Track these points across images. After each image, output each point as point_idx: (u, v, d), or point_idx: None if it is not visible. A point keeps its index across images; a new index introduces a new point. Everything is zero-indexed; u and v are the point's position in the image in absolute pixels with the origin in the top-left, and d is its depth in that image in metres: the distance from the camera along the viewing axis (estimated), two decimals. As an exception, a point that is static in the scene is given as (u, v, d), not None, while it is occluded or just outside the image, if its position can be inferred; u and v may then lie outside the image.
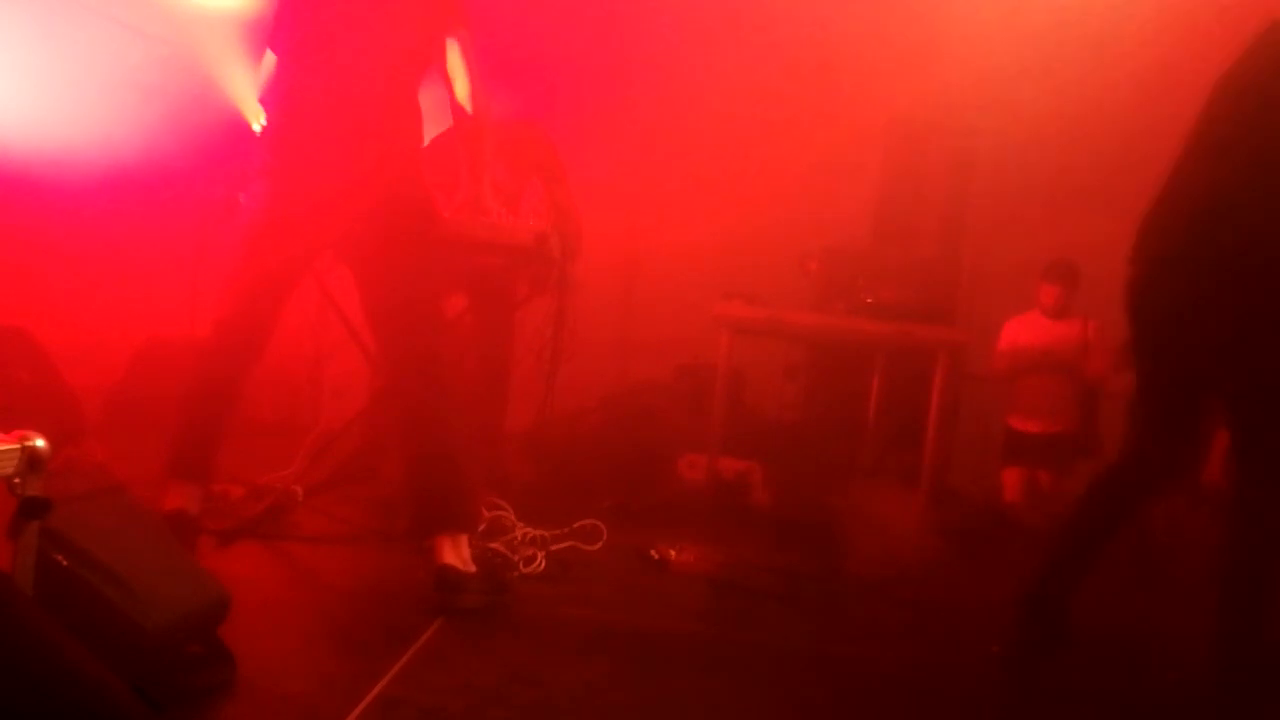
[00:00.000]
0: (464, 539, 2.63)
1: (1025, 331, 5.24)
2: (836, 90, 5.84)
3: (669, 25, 6.23)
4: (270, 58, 2.77)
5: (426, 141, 2.92)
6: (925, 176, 5.91)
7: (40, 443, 1.47)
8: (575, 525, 3.41)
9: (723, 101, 6.34)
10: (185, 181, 4.73)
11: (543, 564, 3.03)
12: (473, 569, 2.60)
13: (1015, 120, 5.52)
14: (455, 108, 2.82)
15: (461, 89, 2.76)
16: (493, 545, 3.06)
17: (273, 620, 2.39)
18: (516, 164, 4.14)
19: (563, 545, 3.25)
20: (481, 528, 3.19)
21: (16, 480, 1.46)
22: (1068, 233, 5.97)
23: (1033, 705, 2.49)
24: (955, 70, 5.43)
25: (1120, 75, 5.07)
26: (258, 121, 5.05)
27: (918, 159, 5.96)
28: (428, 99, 2.80)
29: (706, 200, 6.07)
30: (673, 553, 3.30)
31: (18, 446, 1.46)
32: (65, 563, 1.67)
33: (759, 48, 6.13)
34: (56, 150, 4.39)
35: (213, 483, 2.84)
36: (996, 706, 2.45)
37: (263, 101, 2.81)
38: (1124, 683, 2.68)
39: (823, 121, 6.01)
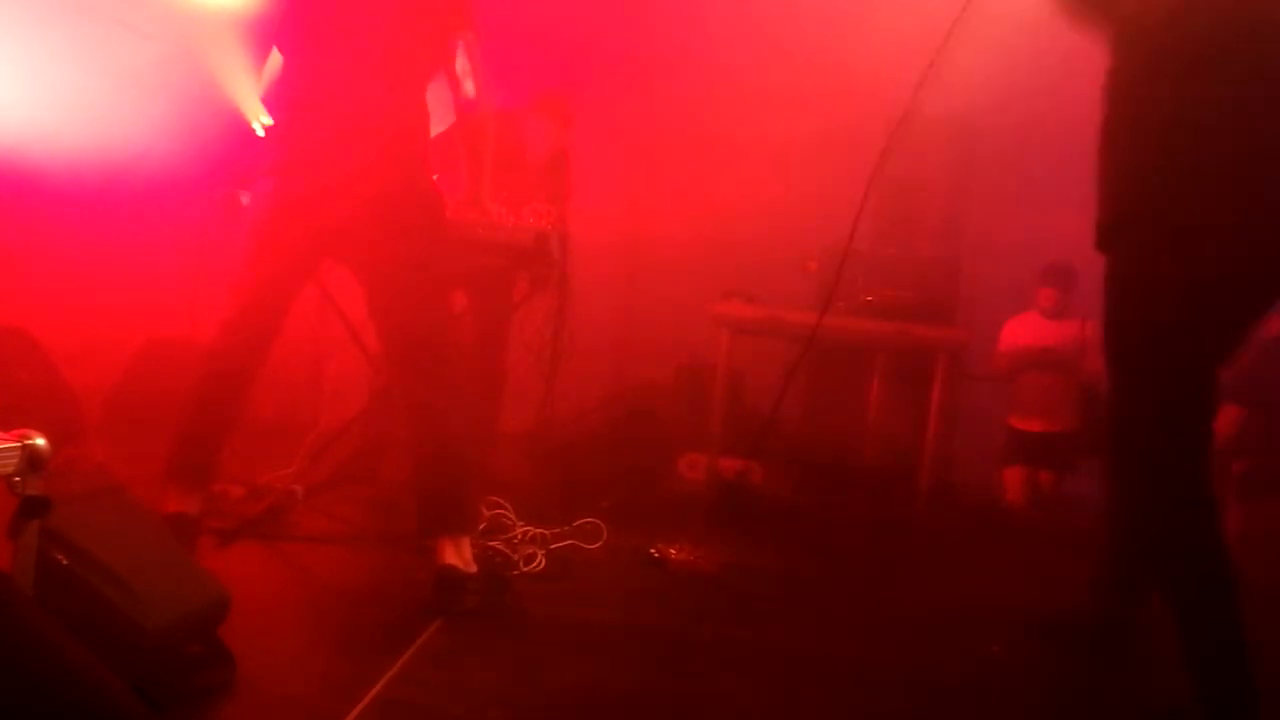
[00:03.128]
0: (466, 540, 2.63)
1: (1024, 331, 5.25)
2: (837, 90, 5.83)
3: (667, 26, 6.23)
4: (276, 57, 2.77)
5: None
6: (925, 176, 5.90)
7: (40, 442, 1.47)
8: (575, 524, 3.41)
9: (723, 101, 6.33)
10: (186, 181, 4.73)
11: (543, 563, 3.03)
12: (474, 569, 2.61)
13: (1015, 120, 5.52)
14: (459, 108, 2.82)
15: (466, 90, 2.76)
16: (493, 544, 3.06)
17: (273, 620, 2.39)
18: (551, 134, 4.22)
19: (563, 544, 3.25)
20: (482, 526, 3.20)
21: (17, 479, 1.46)
22: (1067, 233, 5.96)
23: (1033, 704, 2.49)
24: (956, 70, 5.42)
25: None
26: (260, 121, 5.06)
27: (918, 159, 5.95)
28: (432, 99, 2.80)
29: (707, 199, 6.06)
30: (673, 552, 3.30)
31: (18, 445, 1.46)
32: (65, 562, 1.67)
33: (759, 48, 6.13)
34: (57, 150, 4.39)
35: (213, 483, 2.84)
36: (997, 706, 2.45)
37: (267, 101, 2.80)
38: (1124, 681, 2.68)
39: (823, 121, 6.00)
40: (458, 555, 2.58)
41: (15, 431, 1.47)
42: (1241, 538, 4.05)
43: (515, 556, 3.03)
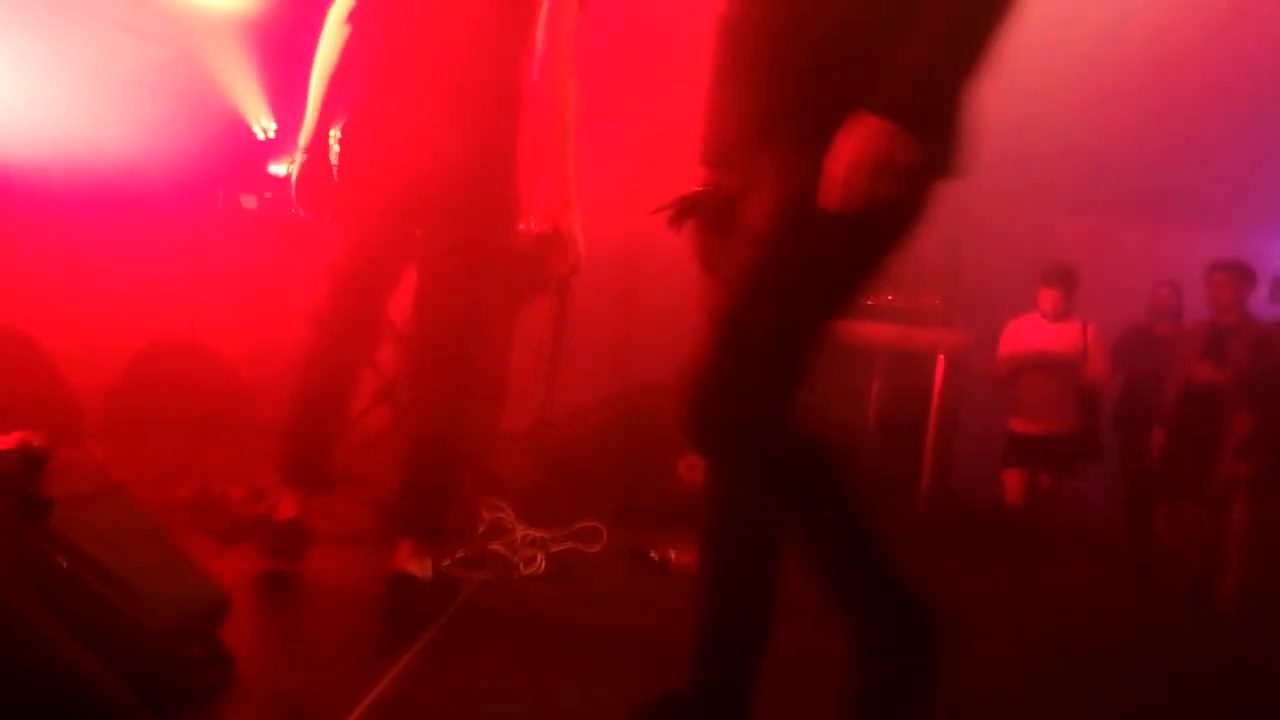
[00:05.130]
0: (427, 546, 2.59)
1: (1025, 334, 5.25)
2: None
3: (665, 23, 6.23)
4: (341, 30, 2.56)
5: None
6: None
7: (40, 443, 1.48)
8: (575, 526, 3.40)
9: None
10: (187, 184, 4.73)
11: (543, 565, 3.03)
12: (429, 576, 2.56)
13: (1015, 120, 5.52)
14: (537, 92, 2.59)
15: (551, 68, 2.56)
16: (492, 546, 3.06)
17: (273, 621, 2.39)
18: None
19: (563, 546, 3.25)
20: (481, 529, 3.20)
21: (17, 480, 1.47)
22: (1067, 234, 5.97)
23: (1034, 705, 2.49)
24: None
25: (1118, 77, 5.07)
26: (260, 124, 5.04)
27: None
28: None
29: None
30: (673, 554, 3.30)
31: (17, 447, 1.46)
32: (65, 564, 1.67)
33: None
34: (57, 152, 4.39)
35: (329, 490, 2.78)
36: (996, 707, 2.45)
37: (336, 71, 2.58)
38: (1124, 682, 2.68)
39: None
40: (417, 563, 2.53)
41: (15, 433, 1.47)
42: (1248, 540, 4.06)
43: (515, 558, 3.03)
